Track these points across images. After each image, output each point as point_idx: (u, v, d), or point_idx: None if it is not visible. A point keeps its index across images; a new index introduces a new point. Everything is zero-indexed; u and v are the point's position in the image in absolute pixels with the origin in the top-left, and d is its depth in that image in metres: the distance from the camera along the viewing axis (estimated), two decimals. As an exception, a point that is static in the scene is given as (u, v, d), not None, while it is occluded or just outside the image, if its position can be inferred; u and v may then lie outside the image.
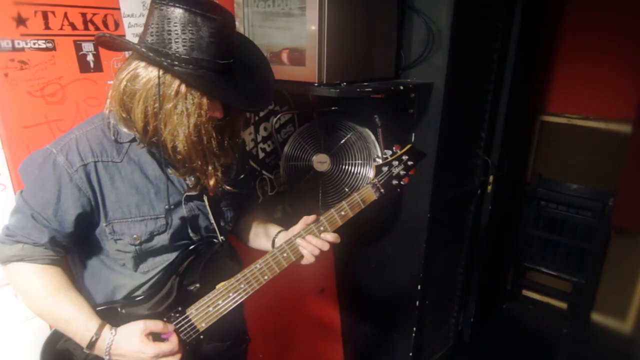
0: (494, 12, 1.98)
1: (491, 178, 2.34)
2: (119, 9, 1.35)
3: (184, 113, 0.96)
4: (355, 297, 2.34)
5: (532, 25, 2.28)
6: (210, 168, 1.06)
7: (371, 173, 1.29)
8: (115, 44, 1.02)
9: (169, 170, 1.09)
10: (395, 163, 1.28)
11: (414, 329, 2.15)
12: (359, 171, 1.70)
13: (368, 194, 1.25)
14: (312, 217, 1.19)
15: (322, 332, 2.31)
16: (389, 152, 1.29)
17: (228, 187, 1.13)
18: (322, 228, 1.18)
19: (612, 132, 2.74)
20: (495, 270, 3.01)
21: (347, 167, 1.72)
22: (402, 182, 1.29)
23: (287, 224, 1.30)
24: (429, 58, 1.77)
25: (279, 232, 1.29)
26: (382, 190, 1.26)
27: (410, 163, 1.29)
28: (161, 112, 0.96)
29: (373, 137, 1.74)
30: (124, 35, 1.37)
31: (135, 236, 1.06)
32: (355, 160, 1.70)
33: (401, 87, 1.65)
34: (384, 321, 2.29)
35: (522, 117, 2.73)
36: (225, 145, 1.08)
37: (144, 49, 0.94)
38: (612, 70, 2.66)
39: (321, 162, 1.74)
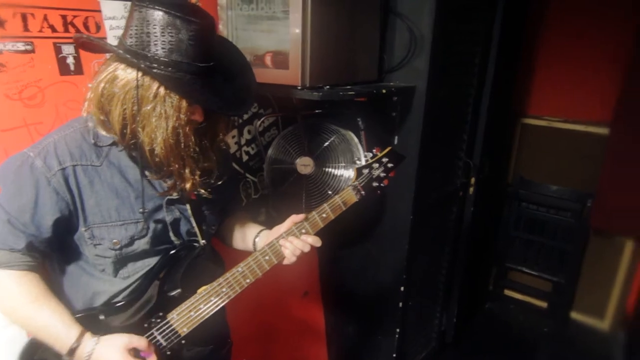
0: (475, 16, 2.02)
1: (473, 180, 2.37)
2: (100, 11, 1.34)
3: (162, 116, 0.96)
4: (339, 300, 2.35)
5: (513, 30, 2.32)
6: (187, 171, 1.05)
7: (353, 175, 1.31)
8: (94, 45, 1.01)
9: (147, 173, 1.08)
10: (376, 165, 1.30)
11: (397, 330, 2.17)
12: (342, 174, 1.71)
13: (349, 196, 1.27)
14: (301, 216, 1.20)
15: (306, 335, 2.32)
16: (370, 155, 1.32)
17: (203, 191, 1.11)
18: (303, 230, 1.19)
19: (590, 134, 2.81)
20: (478, 271, 3.05)
21: (330, 169, 1.73)
22: (382, 184, 1.31)
23: (271, 226, 1.30)
24: (412, 62, 1.79)
25: (261, 231, 1.30)
26: (362, 192, 1.28)
27: (390, 165, 1.31)
28: (139, 114, 0.96)
29: (356, 140, 1.76)
30: (105, 38, 1.36)
31: (115, 241, 1.05)
32: (339, 163, 1.72)
33: (383, 91, 1.67)
34: (368, 323, 2.31)
35: (504, 120, 2.78)
36: (205, 149, 1.08)
37: (121, 51, 0.94)
38: (590, 75, 2.72)
39: (305, 165, 1.75)
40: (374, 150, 1.33)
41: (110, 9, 1.36)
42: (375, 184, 1.30)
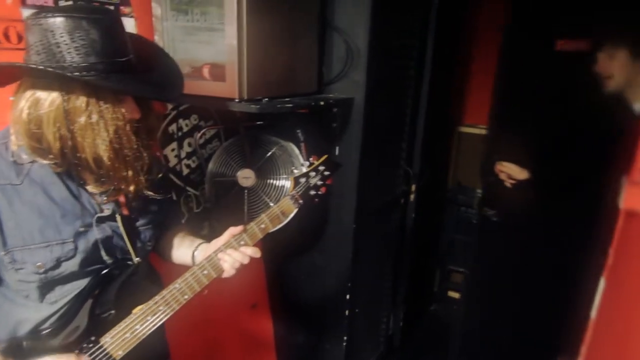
0: (409, 31, 2.10)
1: (413, 187, 2.45)
2: (22, 21, 1.27)
3: (101, 122, 0.93)
4: (288, 310, 2.35)
5: (446, 44, 2.43)
6: (130, 173, 1.03)
7: (290, 185, 1.32)
8: (5, 72, 0.94)
9: (88, 188, 1.04)
10: (313, 174, 1.32)
11: (345, 337, 2.19)
12: (283, 185, 1.72)
13: (287, 205, 1.28)
14: (239, 228, 1.19)
15: (255, 348, 2.29)
16: (306, 164, 1.34)
17: (150, 193, 1.11)
18: (242, 242, 1.18)
19: (520, 141, 2.99)
20: (423, 274, 3.15)
21: (271, 181, 1.73)
22: (319, 192, 1.33)
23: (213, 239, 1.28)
24: (349, 74, 1.84)
25: (200, 244, 1.27)
26: (300, 201, 1.30)
27: (326, 173, 1.34)
28: (76, 128, 0.92)
29: (297, 152, 1.77)
30: (29, 49, 1.29)
31: (39, 264, 0.99)
32: (280, 174, 1.72)
33: (321, 103, 1.70)
34: (316, 332, 2.32)
35: (441, 129, 2.90)
36: (144, 147, 1.06)
37: (41, 67, 0.89)
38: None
39: (246, 177, 1.74)
40: (311, 159, 1.35)
41: (34, 19, 1.30)
42: (312, 192, 1.32)
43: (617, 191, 1.35)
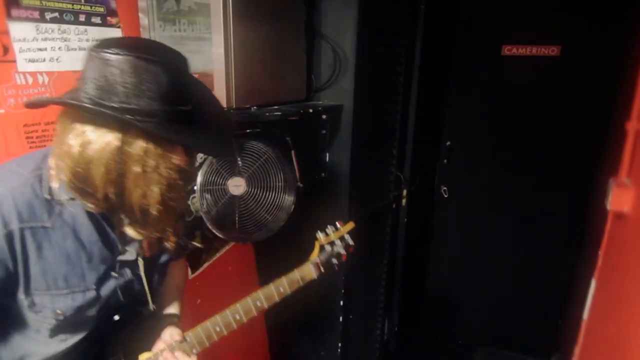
0: (396, 39, 2.12)
1: (405, 192, 2.46)
2: (8, 33, 1.27)
3: (155, 172, 0.85)
4: (283, 319, 2.33)
5: (433, 52, 2.45)
6: (174, 224, 0.97)
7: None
8: (63, 104, 0.84)
9: (129, 230, 0.96)
10: (338, 242, 1.28)
11: (339, 344, 2.18)
12: (273, 193, 1.71)
13: (308, 271, 1.26)
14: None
15: (249, 357, 2.27)
16: (332, 229, 1.27)
17: (189, 240, 1.09)
18: (258, 303, 1.19)
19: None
20: (419, 277, 3.15)
21: (262, 189, 1.73)
22: (341, 261, 1.29)
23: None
24: (338, 81, 1.85)
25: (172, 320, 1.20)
26: (322, 269, 1.26)
27: (350, 243, 1.29)
28: (128, 175, 0.84)
29: (287, 159, 1.77)
30: (15, 62, 1.29)
31: (58, 311, 0.93)
32: (270, 182, 1.72)
33: (311, 110, 1.70)
34: (311, 339, 2.31)
35: (430, 133, 2.91)
36: (187, 194, 1.03)
37: (109, 110, 0.80)
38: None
39: (237, 185, 1.73)
40: (337, 224, 1.29)
41: (20, 31, 1.29)
42: (334, 260, 1.28)
43: (604, 193, 1.36)
